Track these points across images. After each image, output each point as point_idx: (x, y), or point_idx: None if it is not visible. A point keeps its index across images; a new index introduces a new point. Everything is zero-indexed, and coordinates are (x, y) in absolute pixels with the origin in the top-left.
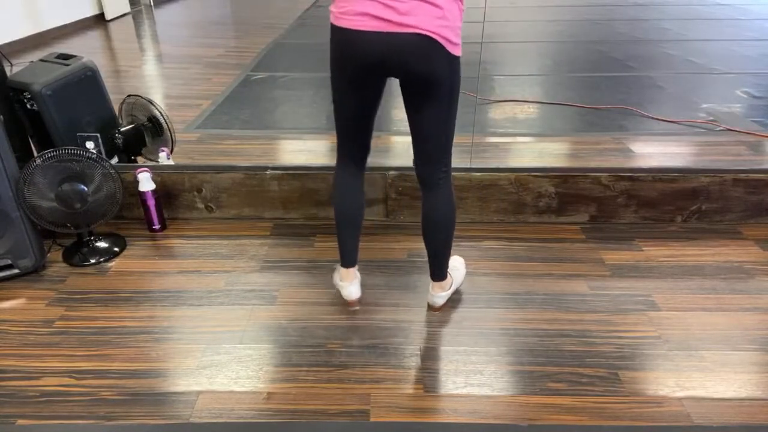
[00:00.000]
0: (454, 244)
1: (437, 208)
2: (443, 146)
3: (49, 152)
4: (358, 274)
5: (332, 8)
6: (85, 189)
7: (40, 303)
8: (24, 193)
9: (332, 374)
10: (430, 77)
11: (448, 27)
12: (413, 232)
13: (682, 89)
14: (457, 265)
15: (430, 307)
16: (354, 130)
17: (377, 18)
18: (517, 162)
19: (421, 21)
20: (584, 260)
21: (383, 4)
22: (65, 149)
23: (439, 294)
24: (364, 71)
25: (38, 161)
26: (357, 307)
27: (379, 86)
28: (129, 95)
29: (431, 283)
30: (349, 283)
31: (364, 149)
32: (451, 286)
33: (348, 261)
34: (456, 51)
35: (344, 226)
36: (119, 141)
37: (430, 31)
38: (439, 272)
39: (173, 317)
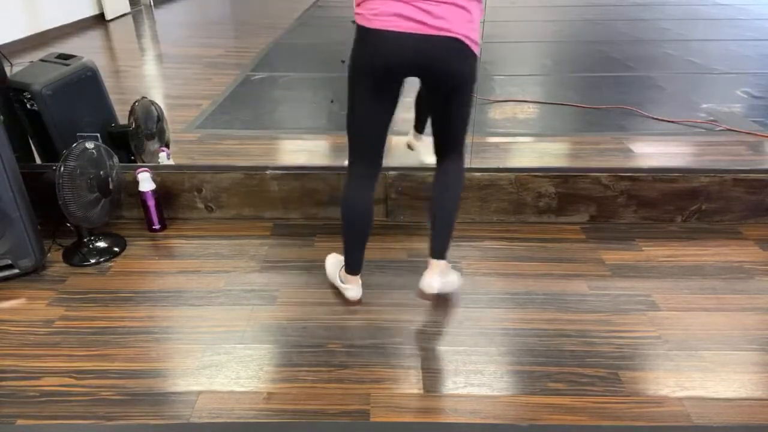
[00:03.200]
0: (454, 245)
1: (452, 171)
2: (464, 131)
3: (67, 162)
4: (359, 280)
5: (360, 10)
6: (106, 173)
7: (40, 303)
8: (74, 212)
9: (332, 374)
10: (457, 76)
11: (474, 30)
12: (413, 232)
13: (682, 89)
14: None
15: (423, 295)
16: (370, 140)
17: (412, 20)
18: (517, 162)
19: (454, 25)
20: (584, 260)
21: (417, 7)
22: (69, 150)
23: (436, 278)
24: (392, 71)
25: (66, 173)
26: (358, 306)
27: (399, 90)
28: (143, 97)
29: (430, 263)
30: (353, 286)
31: (379, 160)
32: (448, 276)
33: (354, 269)
34: (477, 50)
35: (352, 236)
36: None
37: (462, 35)
38: (442, 247)
39: (173, 317)
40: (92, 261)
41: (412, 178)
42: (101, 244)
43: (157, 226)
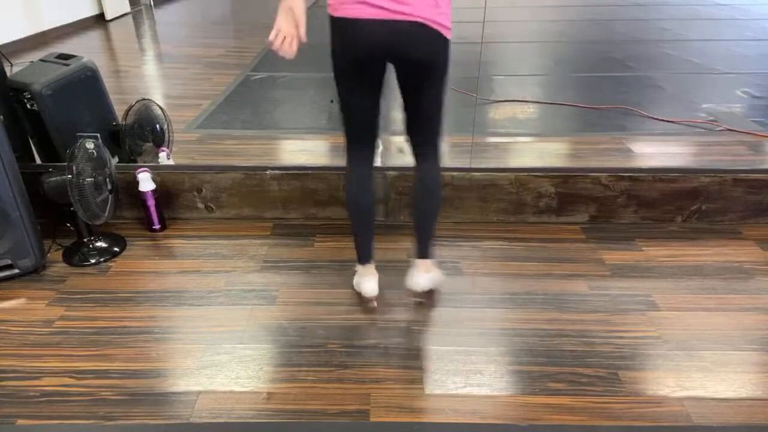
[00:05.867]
0: (454, 245)
1: (431, 175)
2: (438, 120)
3: (75, 162)
4: (375, 272)
5: (330, 0)
6: (109, 170)
7: (40, 303)
8: (86, 211)
9: (332, 374)
10: (428, 61)
11: (442, 14)
12: (413, 233)
13: (682, 89)
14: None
15: (412, 292)
16: (363, 126)
17: (376, 6)
18: (517, 162)
19: (418, 10)
20: (584, 260)
21: None
22: (73, 150)
23: (423, 275)
24: (366, 58)
25: (78, 173)
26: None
27: (381, 73)
28: (143, 98)
29: (415, 262)
30: (368, 279)
31: (373, 145)
32: (432, 271)
33: (366, 257)
34: (449, 35)
35: (360, 224)
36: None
37: (427, 19)
38: (425, 247)
39: (173, 317)
40: (92, 261)
41: (412, 178)
42: (101, 244)
43: (157, 226)
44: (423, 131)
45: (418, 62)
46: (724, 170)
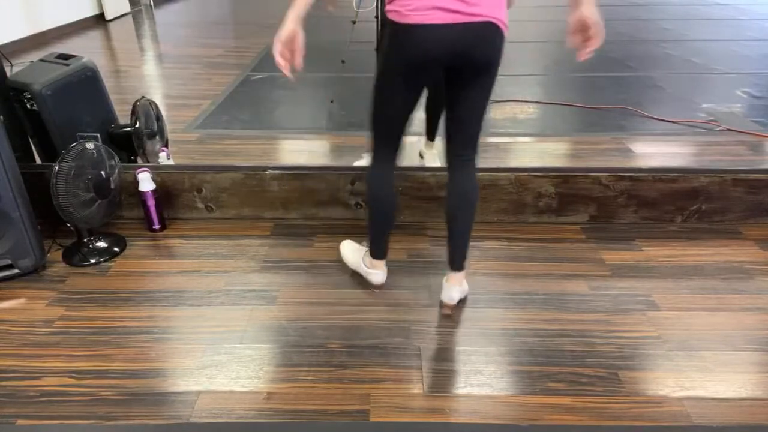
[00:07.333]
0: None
1: (471, 184)
2: (481, 126)
3: (63, 162)
4: (385, 264)
5: (394, 7)
6: (106, 174)
7: (40, 303)
8: (69, 212)
9: (332, 374)
10: (492, 60)
11: (505, 11)
12: (413, 232)
13: (682, 89)
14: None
15: (444, 306)
16: (398, 128)
17: (450, 11)
18: (517, 162)
19: (489, 10)
20: (584, 260)
21: None
22: (67, 150)
23: (457, 288)
24: (430, 64)
25: (61, 173)
26: (358, 306)
27: (434, 78)
28: (143, 97)
29: (449, 275)
30: (380, 271)
31: (400, 146)
32: (463, 284)
33: (382, 255)
34: (507, 32)
35: (379, 223)
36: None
37: (497, 18)
38: (461, 259)
39: (173, 317)
40: (92, 261)
41: (412, 178)
42: (101, 244)
43: (157, 226)
44: (468, 136)
45: (483, 62)
46: (724, 170)
